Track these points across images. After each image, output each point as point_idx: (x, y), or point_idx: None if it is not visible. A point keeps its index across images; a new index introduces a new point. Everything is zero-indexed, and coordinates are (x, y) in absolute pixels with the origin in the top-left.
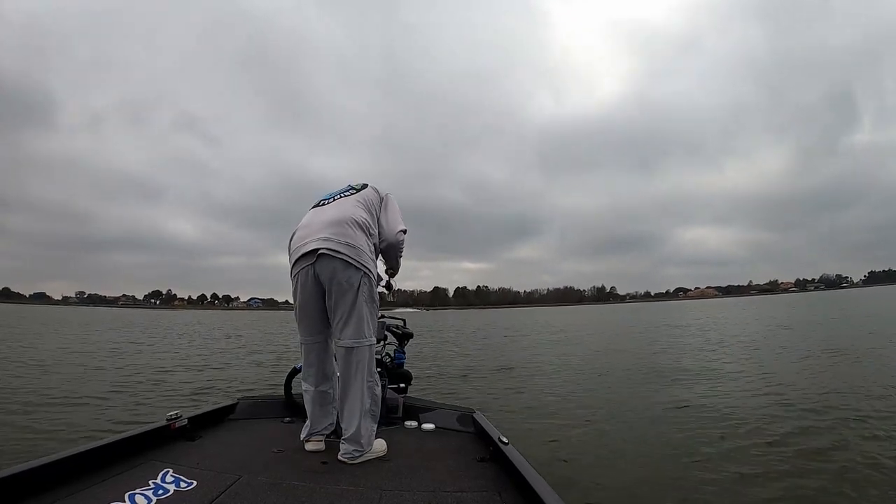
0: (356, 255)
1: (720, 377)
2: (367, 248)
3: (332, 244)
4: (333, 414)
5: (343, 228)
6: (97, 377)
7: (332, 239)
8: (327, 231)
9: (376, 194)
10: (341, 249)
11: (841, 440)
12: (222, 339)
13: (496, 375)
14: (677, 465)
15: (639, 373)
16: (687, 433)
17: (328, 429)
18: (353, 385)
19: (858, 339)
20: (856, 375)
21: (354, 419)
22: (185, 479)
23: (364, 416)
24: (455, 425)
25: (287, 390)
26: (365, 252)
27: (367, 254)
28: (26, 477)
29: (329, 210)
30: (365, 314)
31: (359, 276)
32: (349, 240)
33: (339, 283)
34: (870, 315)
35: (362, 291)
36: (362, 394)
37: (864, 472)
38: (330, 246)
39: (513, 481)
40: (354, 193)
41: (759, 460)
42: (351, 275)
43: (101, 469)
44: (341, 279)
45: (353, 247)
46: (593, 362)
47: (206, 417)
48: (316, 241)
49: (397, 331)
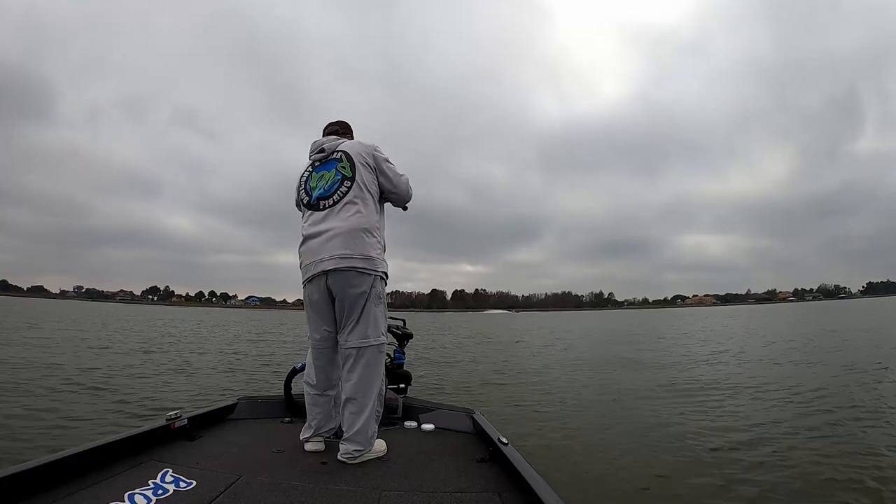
0: (370, 264)
1: (718, 387)
2: (378, 246)
3: (346, 262)
4: (336, 418)
5: (356, 243)
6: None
7: (348, 256)
8: (341, 249)
9: (366, 164)
10: (357, 264)
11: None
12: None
13: (495, 377)
14: (678, 466)
15: (640, 379)
16: (688, 437)
17: (329, 431)
18: (360, 385)
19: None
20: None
21: (357, 419)
22: (185, 478)
23: (368, 417)
24: (455, 426)
25: (287, 390)
26: (377, 255)
27: (378, 255)
28: (26, 477)
29: (335, 220)
30: (373, 315)
31: (370, 280)
32: (363, 252)
33: (351, 289)
34: (866, 330)
35: (374, 293)
36: (368, 394)
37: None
38: (345, 264)
39: (512, 481)
40: (350, 188)
41: (763, 469)
42: (363, 281)
43: (101, 469)
44: (354, 286)
45: (366, 258)
46: (592, 367)
47: (205, 417)
48: (332, 260)
49: (397, 331)
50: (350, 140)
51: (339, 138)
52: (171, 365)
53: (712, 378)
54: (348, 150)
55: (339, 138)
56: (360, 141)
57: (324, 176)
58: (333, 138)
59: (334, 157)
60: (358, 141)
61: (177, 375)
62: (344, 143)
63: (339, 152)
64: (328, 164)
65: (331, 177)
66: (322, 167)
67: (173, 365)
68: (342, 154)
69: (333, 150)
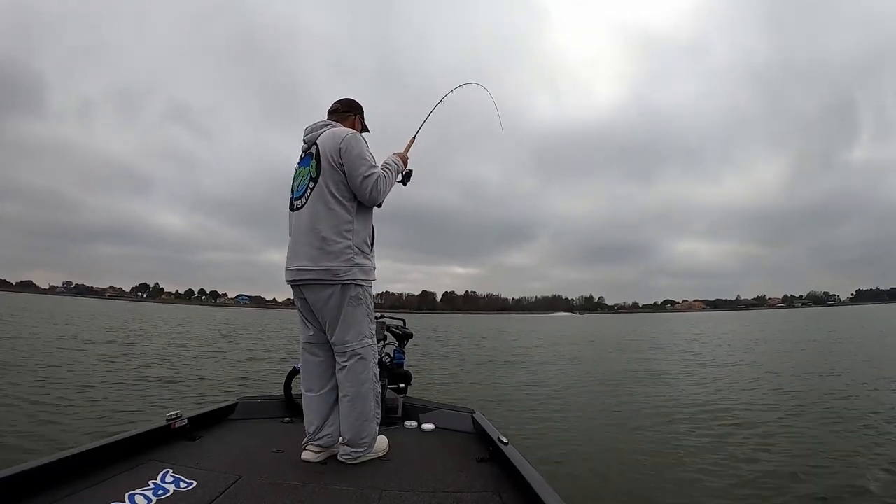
0: (330, 275)
1: (715, 389)
2: (347, 252)
3: (305, 275)
4: (333, 424)
5: (317, 253)
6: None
7: (306, 269)
8: (302, 260)
9: (332, 162)
10: (315, 276)
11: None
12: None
13: (494, 376)
14: (677, 466)
15: (635, 379)
16: (686, 435)
17: (328, 439)
18: (350, 387)
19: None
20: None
21: (352, 422)
22: (185, 479)
23: (363, 419)
24: (455, 425)
25: (287, 390)
26: (339, 265)
27: (343, 264)
28: (26, 477)
29: (304, 220)
30: (351, 317)
31: (338, 289)
32: (323, 263)
33: (320, 297)
34: (850, 339)
35: (347, 299)
36: (360, 396)
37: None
38: (304, 277)
39: (513, 481)
40: (314, 189)
41: (762, 467)
42: (332, 292)
43: (101, 469)
44: (320, 296)
45: (326, 269)
46: (590, 368)
47: (205, 417)
48: (294, 271)
49: (397, 331)
50: (334, 129)
51: (328, 124)
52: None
53: (706, 379)
54: (320, 145)
55: (329, 124)
56: (334, 131)
57: (300, 172)
58: (322, 124)
59: (311, 152)
60: (333, 132)
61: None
62: (324, 132)
63: (314, 145)
64: (306, 158)
65: (304, 174)
66: (302, 162)
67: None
68: (315, 148)
69: (312, 141)
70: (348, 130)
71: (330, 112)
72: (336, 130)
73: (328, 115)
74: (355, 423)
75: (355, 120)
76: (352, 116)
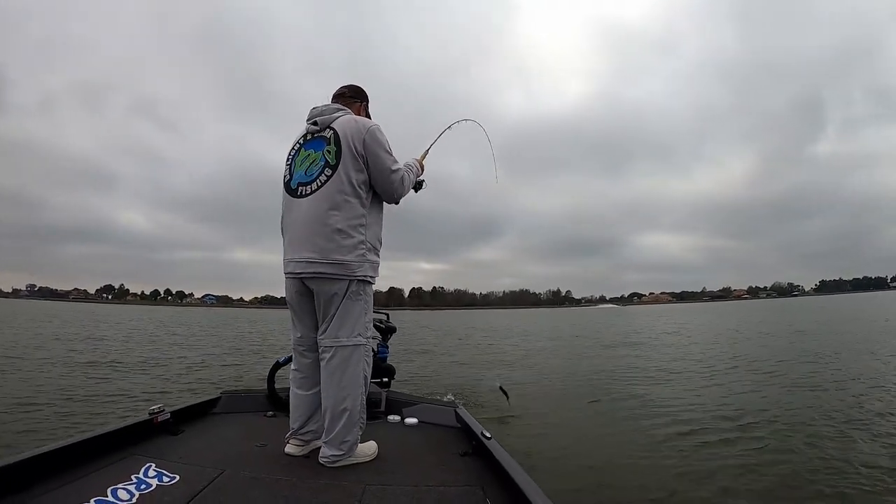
0: (341, 269)
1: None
2: (360, 246)
3: (313, 268)
4: (318, 420)
5: (327, 245)
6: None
7: (315, 261)
8: (310, 251)
9: (354, 151)
10: (325, 270)
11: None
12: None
13: (477, 370)
14: (657, 458)
15: (613, 371)
16: (665, 427)
17: (312, 435)
18: (333, 387)
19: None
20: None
21: (334, 424)
22: (168, 473)
23: (344, 422)
24: (438, 420)
25: (270, 384)
26: (352, 259)
27: (356, 259)
28: (7, 472)
29: (310, 210)
30: (349, 313)
31: (344, 284)
32: (334, 257)
33: (325, 289)
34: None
35: (350, 292)
36: (343, 397)
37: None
38: (311, 270)
39: (495, 475)
40: (331, 178)
41: (743, 457)
42: (335, 284)
43: (83, 464)
44: (326, 289)
45: (337, 263)
46: (569, 360)
47: (188, 411)
48: (300, 263)
49: (380, 325)
50: (353, 116)
51: (340, 109)
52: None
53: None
54: (339, 131)
55: (341, 109)
56: (356, 119)
57: (310, 156)
58: (334, 108)
59: (324, 135)
60: (354, 119)
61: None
62: (340, 117)
63: (330, 129)
64: (317, 141)
65: (316, 158)
66: (310, 144)
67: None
68: (332, 133)
69: (326, 125)
70: (371, 121)
71: (336, 95)
72: (357, 118)
73: (333, 98)
74: (335, 425)
75: (361, 107)
76: (358, 103)
